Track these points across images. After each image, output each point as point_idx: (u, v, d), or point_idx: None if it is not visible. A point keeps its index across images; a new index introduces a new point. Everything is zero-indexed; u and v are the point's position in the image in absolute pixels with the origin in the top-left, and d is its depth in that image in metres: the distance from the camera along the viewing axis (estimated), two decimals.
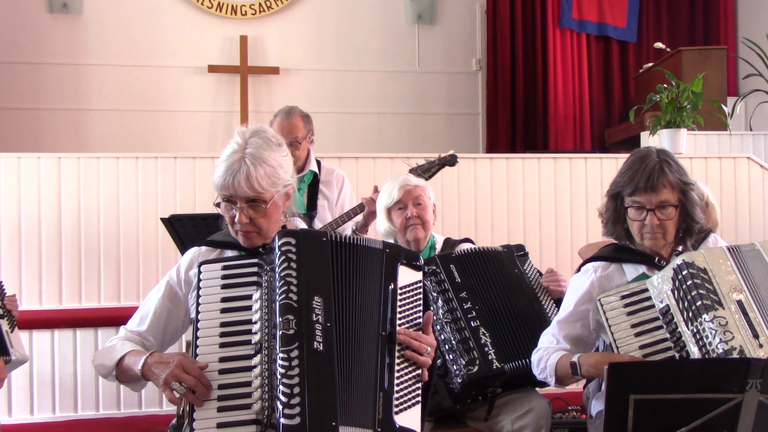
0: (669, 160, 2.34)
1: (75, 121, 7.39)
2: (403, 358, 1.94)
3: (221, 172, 2.02)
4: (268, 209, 2.05)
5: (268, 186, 2.03)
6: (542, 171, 5.01)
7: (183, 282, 2.19)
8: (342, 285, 1.93)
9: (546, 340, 2.49)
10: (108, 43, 7.45)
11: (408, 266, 2.04)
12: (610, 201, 2.43)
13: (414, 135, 7.93)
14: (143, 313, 2.21)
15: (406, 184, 3.03)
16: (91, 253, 4.56)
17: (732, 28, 8.23)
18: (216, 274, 1.98)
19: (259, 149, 2.03)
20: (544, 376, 2.41)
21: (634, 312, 2.22)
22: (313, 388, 1.76)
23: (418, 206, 3.00)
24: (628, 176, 2.34)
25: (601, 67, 8.12)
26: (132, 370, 2.03)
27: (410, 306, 2.02)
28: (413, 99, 8.06)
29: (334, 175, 4.04)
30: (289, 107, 3.90)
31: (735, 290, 2.13)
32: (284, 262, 1.89)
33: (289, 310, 1.83)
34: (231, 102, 7.69)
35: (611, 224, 2.44)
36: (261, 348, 1.86)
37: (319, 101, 7.66)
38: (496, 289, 2.89)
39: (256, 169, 2.00)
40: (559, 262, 4.85)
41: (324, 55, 7.90)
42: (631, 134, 6.91)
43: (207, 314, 1.94)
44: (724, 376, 1.77)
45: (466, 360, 2.67)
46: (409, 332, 1.96)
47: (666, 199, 2.30)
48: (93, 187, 4.60)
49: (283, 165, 2.08)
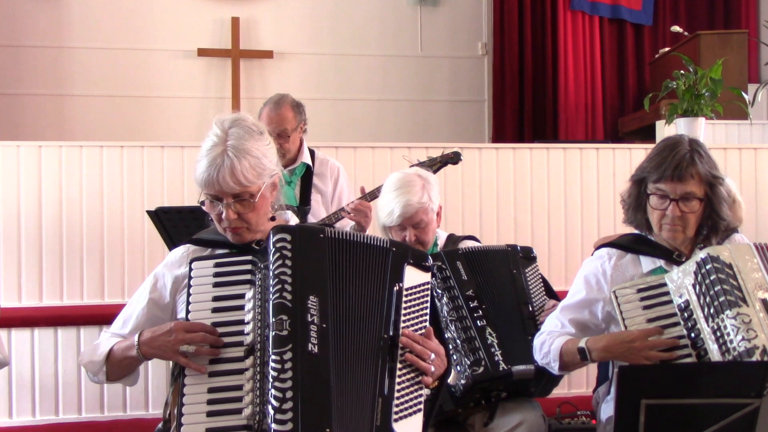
0: (701, 150, 2.35)
1: (57, 108, 7.37)
2: (406, 362, 1.93)
3: (203, 167, 2.01)
4: (256, 203, 2.05)
5: (254, 178, 2.03)
6: (551, 162, 5.00)
7: (169, 281, 2.18)
8: (340, 284, 1.93)
9: (550, 324, 2.50)
10: (92, 24, 7.43)
11: (416, 266, 2.03)
12: (633, 186, 2.44)
13: (415, 123, 7.92)
14: (126, 315, 2.21)
15: (406, 210, 2.92)
16: (73, 248, 4.55)
17: (754, 11, 8.21)
18: (208, 272, 1.99)
19: (241, 140, 2.02)
20: (546, 361, 2.43)
21: (651, 306, 2.24)
22: (306, 393, 1.76)
23: (418, 229, 2.98)
24: (656, 162, 2.34)
25: (615, 51, 8.11)
26: (127, 355, 2.04)
27: (416, 308, 2.01)
28: (415, 85, 8.05)
29: (329, 167, 4.01)
30: (279, 96, 3.88)
31: (761, 288, 2.14)
32: (279, 259, 1.88)
33: (282, 310, 1.83)
34: (222, 88, 7.67)
35: (632, 211, 2.45)
36: (253, 349, 1.87)
37: (315, 87, 7.65)
38: (505, 290, 2.89)
39: (240, 161, 2.00)
40: (569, 259, 4.85)
41: (321, 38, 7.88)
42: (646, 123, 6.92)
43: (197, 314, 1.95)
44: (740, 380, 1.79)
45: (472, 360, 2.66)
46: (413, 335, 1.96)
47: (692, 191, 2.31)
48: (75, 178, 4.59)
49: (267, 154, 2.08)
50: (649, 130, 6.65)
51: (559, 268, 4.86)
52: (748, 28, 7.80)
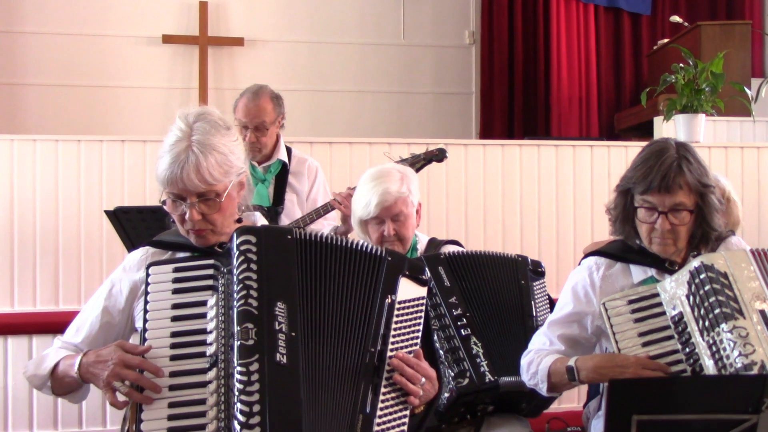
0: (689, 156, 2.34)
1: (7, 98, 7.32)
2: (392, 380, 1.94)
3: (166, 164, 2.01)
4: (222, 202, 2.05)
5: (221, 176, 2.03)
6: (542, 160, 5.02)
7: (126, 287, 2.19)
8: (313, 290, 1.93)
9: (538, 341, 2.51)
10: (46, 7, 7.38)
11: (411, 279, 2.04)
12: (619, 197, 2.44)
13: (397, 117, 7.94)
14: (80, 322, 2.21)
15: (384, 199, 2.92)
16: (26, 250, 4.52)
17: (758, 1, 8.29)
18: (166, 277, 1.98)
19: (207, 135, 2.02)
20: (534, 382, 2.43)
21: (643, 319, 2.25)
22: (275, 406, 1.77)
23: (397, 222, 2.98)
24: (642, 172, 2.34)
25: (611, 42, 8.16)
26: (68, 375, 2.03)
27: (408, 324, 2.01)
28: (397, 76, 8.06)
29: (306, 166, 4.03)
30: (257, 86, 3.89)
31: (758, 298, 2.16)
32: (243, 263, 1.89)
33: (248, 317, 1.83)
34: (188, 77, 7.66)
35: (620, 223, 2.46)
36: (217, 361, 1.87)
37: (290, 78, 7.64)
38: (492, 297, 2.90)
39: (206, 157, 2.00)
40: (560, 264, 4.87)
41: (295, 24, 7.88)
42: (643, 119, 6.96)
43: (155, 323, 1.94)
44: (737, 395, 1.80)
45: (456, 372, 2.67)
46: (406, 356, 1.96)
47: (681, 202, 2.31)
48: (28, 175, 4.56)
49: (234, 151, 2.08)
50: (647, 126, 6.69)
51: (550, 274, 4.79)
52: (752, 19, 7.87)
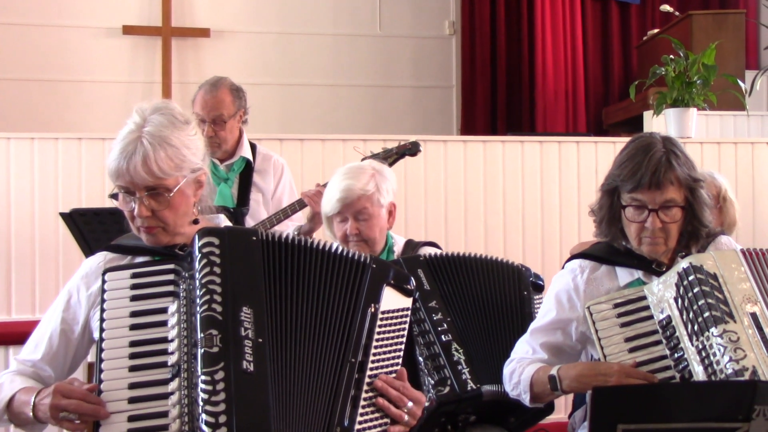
0: (676, 150, 2.37)
1: None
2: (375, 391, 1.96)
3: (114, 155, 2.02)
4: (172, 198, 2.06)
5: (171, 169, 2.04)
6: (527, 157, 5.04)
7: (83, 295, 2.18)
8: (281, 294, 1.94)
9: (520, 349, 2.52)
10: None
11: (396, 288, 2.06)
12: (604, 197, 2.46)
13: (373, 113, 7.94)
14: (38, 337, 2.20)
15: (346, 195, 2.93)
16: None
17: None
18: (124, 283, 1.99)
19: (160, 127, 2.04)
20: (517, 392, 2.45)
21: (629, 323, 2.27)
22: (242, 416, 1.77)
23: (360, 221, 2.99)
24: (629, 169, 2.36)
25: (599, 33, 8.20)
26: (24, 413, 2.02)
27: (392, 335, 2.03)
28: (373, 69, 8.07)
29: (272, 163, 4.03)
30: (216, 78, 3.90)
31: (749, 301, 2.18)
32: (206, 266, 1.89)
33: (212, 323, 1.84)
34: (151, 71, 7.62)
35: (606, 225, 2.47)
36: (179, 371, 1.87)
37: (259, 70, 7.63)
38: (480, 303, 2.91)
39: (156, 150, 2.01)
40: (546, 267, 4.88)
41: (265, 14, 7.87)
42: (633, 114, 7.01)
43: (113, 332, 1.94)
44: (726, 402, 1.82)
45: (436, 379, 2.68)
46: (390, 379, 1.98)
47: (672, 198, 2.34)
48: None
49: (189, 145, 2.09)
50: (636, 121, 6.73)
51: None
52: (746, 8, 7.93)
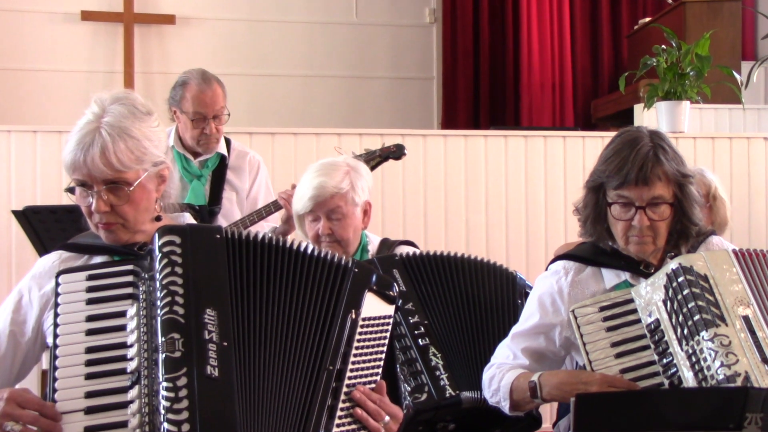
0: (664, 145, 2.39)
1: None
2: (352, 402, 1.97)
3: (71, 147, 2.02)
4: (132, 193, 2.06)
5: (131, 162, 2.04)
6: (510, 152, 5.06)
7: (35, 296, 2.17)
8: (248, 296, 1.94)
9: (501, 354, 2.54)
10: None
11: (378, 295, 2.07)
12: (589, 195, 2.48)
13: (349, 105, 7.95)
14: None
15: (318, 193, 2.95)
16: None
17: None
18: (79, 286, 1.98)
19: (120, 118, 2.04)
20: (496, 399, 2.47)
21: (616, 327, 2.29)
22: (206, 425, 1.77)
23: (334, 221, 3.00)
24: (616, 165, 2.37)
25: (587, 22, 8.22)
26: None
27: (372, 344, 2.04)
28: (349, 59, 8.08)
29: (247, 160, 4.02)
30: (200, 71, 3.83)
31: (741, 303, 2.20)
32: (167, 266, 1.89)
33: (174, 327, 1.83)
34: (111, 59, 7.60)
35: (591, 224, 2.49)
36: (139, 378, 1.86)
37: (227, 60, 7.61)
38: (456, 304, 2.91)
39: (115, 141, 2.00)
40: (530, 268, 4.90)
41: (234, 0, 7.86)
42: (623, 107, 7.03)
43: (68, 338, 1.93)
44: (717, 410, 1.84)
45: (413, 386, 2.69)
46: (368, 391, 2.00)
47: (660, 195, 2.35)
48: None
49: (151, 137, 2.09)
50: (626, 114, 6.75)
51: None
52: None
